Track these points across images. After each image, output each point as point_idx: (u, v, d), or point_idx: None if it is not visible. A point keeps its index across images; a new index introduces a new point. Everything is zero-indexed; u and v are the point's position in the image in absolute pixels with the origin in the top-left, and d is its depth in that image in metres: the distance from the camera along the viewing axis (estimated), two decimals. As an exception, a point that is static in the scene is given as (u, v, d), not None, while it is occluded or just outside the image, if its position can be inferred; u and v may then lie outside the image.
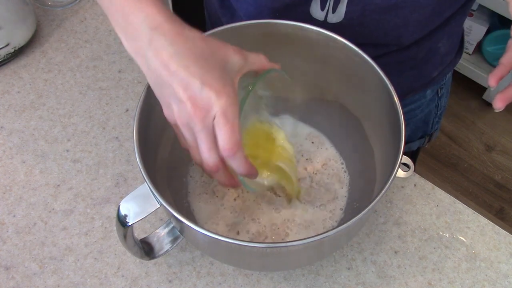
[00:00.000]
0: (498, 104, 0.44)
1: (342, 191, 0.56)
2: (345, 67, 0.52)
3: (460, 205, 0.59)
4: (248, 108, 0.43)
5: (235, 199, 0.55)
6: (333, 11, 0.55)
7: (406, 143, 0.76)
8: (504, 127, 1.65)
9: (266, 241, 0.53)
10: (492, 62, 1.58)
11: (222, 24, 0.61)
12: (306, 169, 0.58)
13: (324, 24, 0.56)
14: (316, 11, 0.55)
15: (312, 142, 0.60)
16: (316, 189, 0.56)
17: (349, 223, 0.40)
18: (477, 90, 1.64)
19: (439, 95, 0.74)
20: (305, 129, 0.60)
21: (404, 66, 0.64)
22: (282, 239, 0.53)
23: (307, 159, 0.58)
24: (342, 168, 0.58)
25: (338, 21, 0.55)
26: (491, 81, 0.45)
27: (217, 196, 0.55)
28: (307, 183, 0.57)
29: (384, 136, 0.50)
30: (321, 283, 0.53)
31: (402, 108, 0.45)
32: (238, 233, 0.53)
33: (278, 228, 0.54)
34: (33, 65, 0.72)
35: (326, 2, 0.55)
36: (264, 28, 0.52)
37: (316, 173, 0.58)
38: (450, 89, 0.78)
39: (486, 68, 1.59)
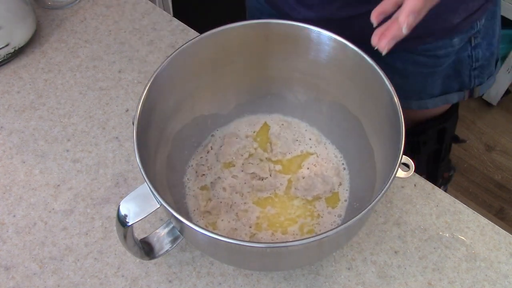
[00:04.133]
0: (375, 41, 0.42)
1: (342, 191, 0.56)
2: (345, 67, 0.52)
3: (460, 205, 0.59)
4: None
5: (231, 206, 0.55)
6: None
7: (442, 94, 0.75)
8: (504, 127, 1.65)
9: (265, 239, 0.53)
10: (492, 62, 1.57)
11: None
12: (305, 162, 0.58)
13: None
14: None
15: (312, 141, 0.60)
16: (314, 179, 0.56)
17: (349, 223, 0.40)
18: (477, 90, 1.64)
19: (473, 45, 0.71)
20: (305, 129, 0.60)
21: None
22: (281, 236, 0.53)
23: (306, 156, 0.58)
24: (342, 166, 0.58)
25: None
26: (373, 16, 0.43)
27: (210, 213, 0.55)
28: (305, 173, 0.57)
29: (384, 136, 0.50)
30: (321, 283, 0.53)
31: (402, 107, 0.45)
32: (237, 234, 0.53)
33: (276, 230, 0.54)
34: (33, 65, 0.72)
35: None
36: (264, 28, 0.52)
37: (315, 165, 0.58)
38: (498, 40, 0.73)
39: (486, 68, 1.58)
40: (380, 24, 0.43)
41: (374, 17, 0.43)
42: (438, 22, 0.66)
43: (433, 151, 0.91)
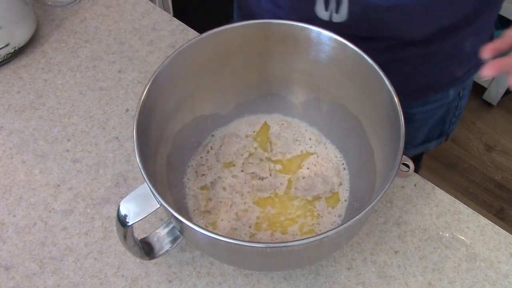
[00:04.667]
0: (486, 72, 0.42)
1: (342, 191, 0.56)
2: (345, 67, 0.52)
3: (460, 205, 0.59)
4: None
5: (231, 206, 0.55)
6: (336, 12, 0.55)
7: (423, 143, 0.77)
8: (504, 127, 1.65)
9: (265, 239, 0.53)
10: (492, 62, 1.58)
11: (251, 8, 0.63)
12: (305, 161, 0.58)
13: (329, 23, 0.56)
14: (321, 10, 0.56)
15: (312, 141, 0.60)
16: (314, 178, 0.56)
17: (349, 223, 0.40)
18: (477, 90, 1.65)
19: (461, 96, 0.73)
20: (305, 129, 0.60)
21: (426, 61, 0.63)
22: (281, 236, 0.53)
23: (306, 156, 0.58)
24: (342, 166, 0.58)
25: (342, 20, 0.55)
26: (485, 51, 0.43)
27: (210, 213, 0.55)
28: (305, 173, 0.57)
29: (384, 136, 0.50)
30: (321, 283, 0.53)
31: (402, 108, 0.45)
32: (237, 232, 0.53)
33: (276, 229, 0.54)
34: (33, 65, 0.72)
35: (329, 3, 0.55)
36: (264, 28, 0.52)
37: (315, 165, 0.58)
38: (470, 90, 0.77)
39: (486, 68, 1.58)
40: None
41: (487, 53, 0.44)
42: (443, 75, 0.67)
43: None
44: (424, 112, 0.71)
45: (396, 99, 0.46)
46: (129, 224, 0.43)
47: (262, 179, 0.57)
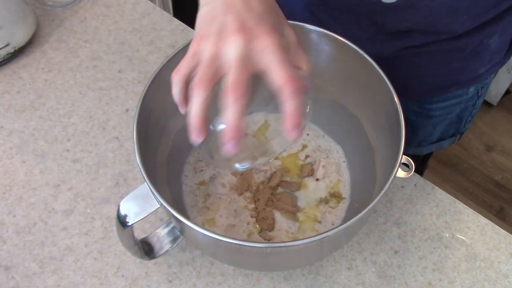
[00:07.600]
0: (291, 134, 0.40)
1: (343, 191, 0.56)
2: (345, 67, 0.52)
3: (460, 205, 0.59)
4: None
5: (229, 202, 0.55)
6: None
7: (438, 140, 0.77)
8: (504, 127, 1.65)
9: (266, 238, 0.53)
10: (492, 62, 1.58)
11: None
12: (305, 161, 0.58)
13: (378, 3, 0.55)
14: None
15: (312, 140, 0.60)
16: (314, 178, 0.56)
17: (349, 223, 0.40)
18: (477, 90, 1.64)
19: (479, 94, 0.73)
20: (305, 128, 0.60)
21: (453, 57, 0.63)
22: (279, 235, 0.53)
23: (306, 156, 0.58)
24: (343, 165, 0.58)
25: (393, 1, 0.54)
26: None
27: (209, 209, 0.55)
28: (305, 173, 0.57)
29: (384, 136, 0.50)
30: (321, 283, 0.53)
31: (403, 107, 0.45)
32: (235, 230, 0.53)
33: (278, 228, 0.54)
34: (33, 65, 0.72)
35: None
36: (264, 28, 0.52)
37: (315, 165, 0.58)
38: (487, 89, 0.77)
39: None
40: None
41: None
42: (467, 71, 0.66)
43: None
44: (443, 107, 0.71)
45: (396, 99, 0.46)
46: (129, 224, 0.43)
47: (262, 179, 0.57)
